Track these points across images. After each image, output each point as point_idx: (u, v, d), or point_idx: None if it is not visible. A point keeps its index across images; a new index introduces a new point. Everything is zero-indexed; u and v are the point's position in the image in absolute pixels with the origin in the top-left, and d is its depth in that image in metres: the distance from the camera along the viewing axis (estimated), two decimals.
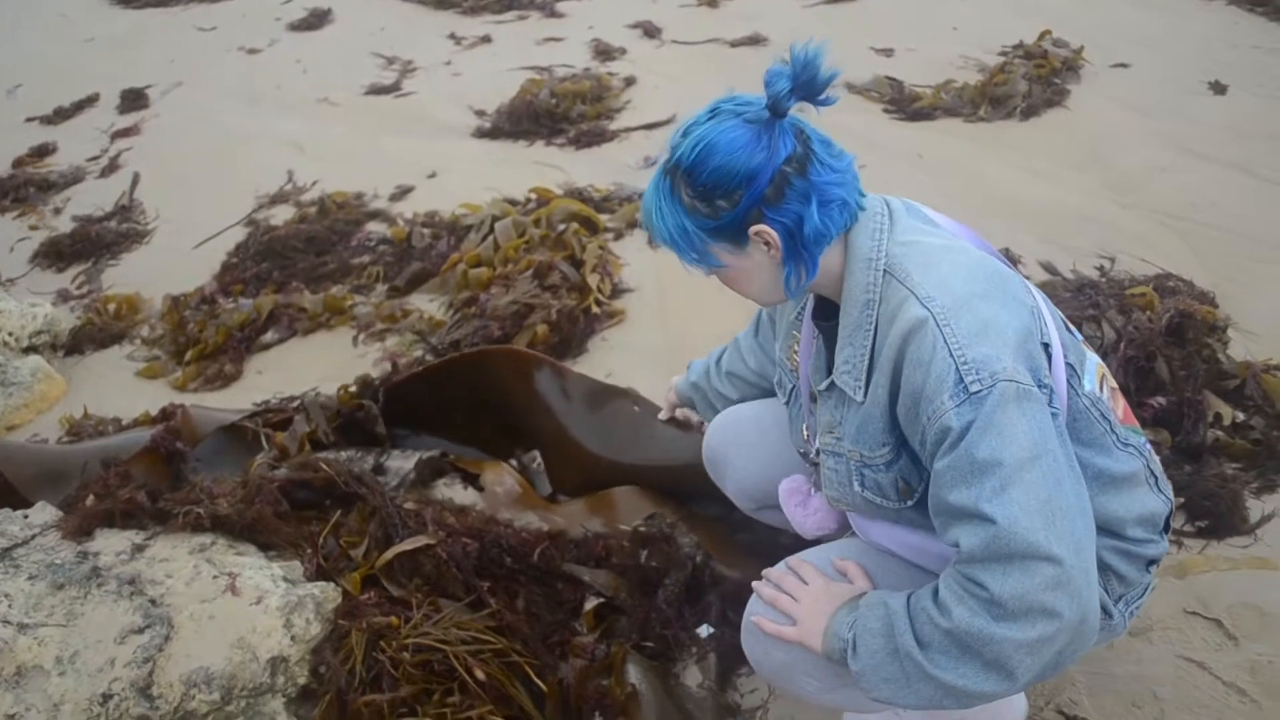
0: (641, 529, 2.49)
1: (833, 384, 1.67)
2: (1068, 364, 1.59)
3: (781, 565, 1.79)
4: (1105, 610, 1.67)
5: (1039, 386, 1.45)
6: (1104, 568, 1.65)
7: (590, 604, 2.34)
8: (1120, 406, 1.72)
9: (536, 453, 2.96)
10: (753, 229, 1.53)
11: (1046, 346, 1.53)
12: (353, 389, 3.00)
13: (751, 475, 2.20)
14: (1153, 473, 1.72)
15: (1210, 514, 2.58)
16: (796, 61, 1.45)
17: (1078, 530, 1.40)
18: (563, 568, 2.40)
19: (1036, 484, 1.39)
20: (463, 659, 2.06)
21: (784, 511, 2.01)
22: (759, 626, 1.73)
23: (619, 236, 4.46)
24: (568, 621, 2.34)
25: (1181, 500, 2.61)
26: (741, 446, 2.21)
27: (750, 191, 1.49)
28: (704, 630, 2.35)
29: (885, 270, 1.55)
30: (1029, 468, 1.39)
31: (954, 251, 1.57)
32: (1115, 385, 1.76)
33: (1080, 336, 1.74)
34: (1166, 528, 1.75)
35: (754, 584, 1.79)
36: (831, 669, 1.66)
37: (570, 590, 2.38)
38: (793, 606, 1.69)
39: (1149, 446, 1.75)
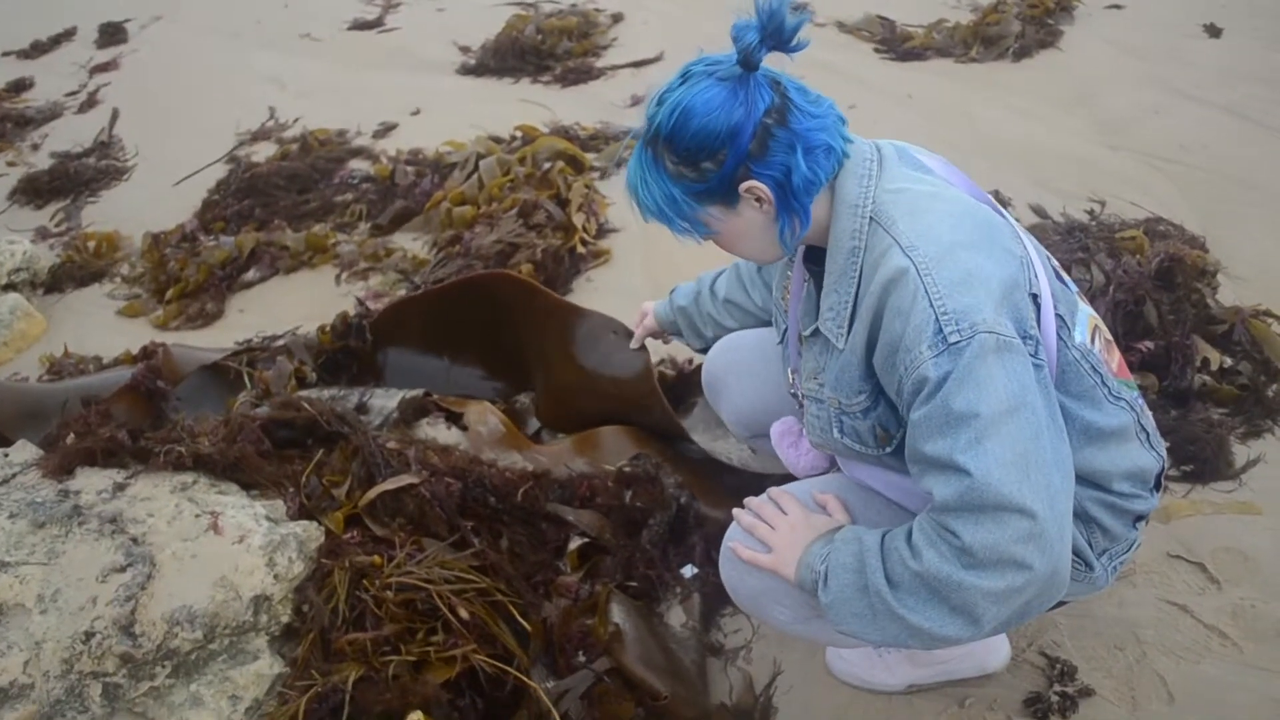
0: (626, 469, 2.48)
1: (817, 330, 1.66)
2: (1057, 315, 1.58)
3: (763, 495, 1.79)
4: (1087, 563, 1.67)
5: (1023, 339, 1.43)
6: (1089, 520, 1.66)
7: (574, 544, 2.34)
8: (1115, 360, 1.71)
9: (523, 395, 2.95)
10: (742, 186, 1.52)
11: (1035, 297, 1.51)
12: (331, 326, 2.98)
13: (749, 403, 2.20)
14: (1144, 428, 1.71)
15: (1196, 459, 2.58)
16: (762, 12, 1.43)
17: (1054, 484, 1.40)
18: (547, 508, 2.39)
19: (1013, 436, 1.38)
20: (446, 598, 2.05)
21: (776, 452, 2.01)
22: (735, 552, 1.74)
23: (605, 175, 4.41)
24: (552, 561, 2.33)
25: (1167, 444, 2.61)
26: (742, 374, 2.21)
27: (734, 148, 1.48)
28: (688, 570, 2.36)
29: (871, 217, 1.54)
30: (1006, 420, 1.38)
31: (942, 199, 1.54)
32: (1109, 338, 1.74)
33: (1075, 288, 1.72)
34: (1158, 485, 1.74)
35: (734, 510, 1.80)
36: (803, 599, 1.67)
37: (554, 530, 2.38)
38: (769, 535, 1.70)
39: (1142, 402, 1.73)
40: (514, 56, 5.85)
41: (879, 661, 2.11)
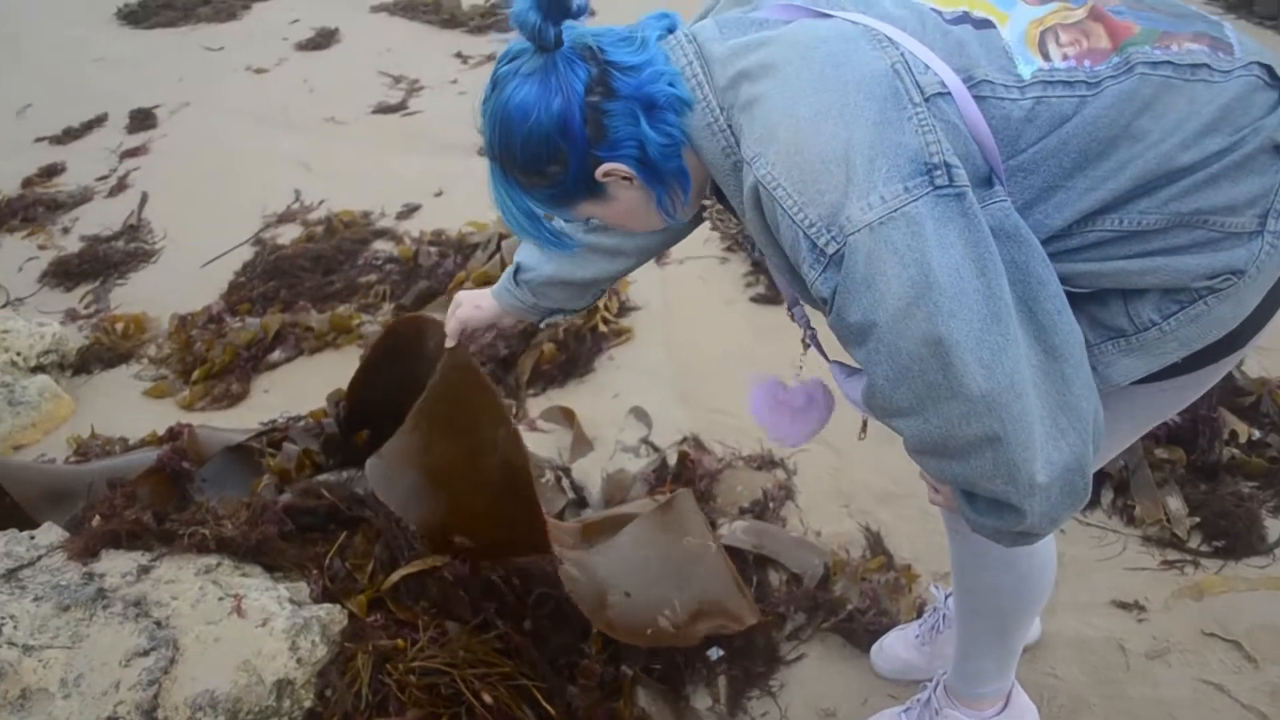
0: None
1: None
2: (985, 81, 1.31)
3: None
4: (1234, 271, 1.40)
5: (929, 173, 1.21)
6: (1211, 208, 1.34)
7: None
8: (1099, 34, 1.34)
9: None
10: (599, 173, 1.39)
11: (928, 100, 1.25)
12: (324, 410, 2.99)
13: None
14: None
15: (1227, 533, 2.55)
16: None
17: (987, 350, 1.20)
18: (569, 589, 2.37)
19: (920, 330, 1.20)
20: (470, 682, 2.04)
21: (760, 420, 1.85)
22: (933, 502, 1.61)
23: None
24: (576, 644, 2.31)
25: (1197, 520, 2.59)
26: None
27: (570, 142, 1.35)
28: (714, 653, 2.33)
29: (728, 126, 1.36)
30: (909, 315, 1.20)
31: (776, 70, 1.31)
32: (1083, 13, 1.35)
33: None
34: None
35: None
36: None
37: (577, 613, 2.36)
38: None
39: (1156, 51, 1.31)
40: None
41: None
